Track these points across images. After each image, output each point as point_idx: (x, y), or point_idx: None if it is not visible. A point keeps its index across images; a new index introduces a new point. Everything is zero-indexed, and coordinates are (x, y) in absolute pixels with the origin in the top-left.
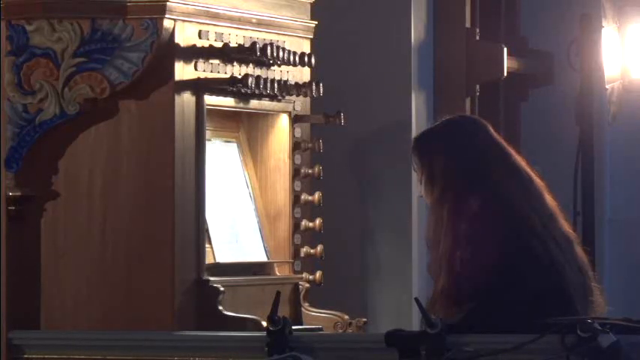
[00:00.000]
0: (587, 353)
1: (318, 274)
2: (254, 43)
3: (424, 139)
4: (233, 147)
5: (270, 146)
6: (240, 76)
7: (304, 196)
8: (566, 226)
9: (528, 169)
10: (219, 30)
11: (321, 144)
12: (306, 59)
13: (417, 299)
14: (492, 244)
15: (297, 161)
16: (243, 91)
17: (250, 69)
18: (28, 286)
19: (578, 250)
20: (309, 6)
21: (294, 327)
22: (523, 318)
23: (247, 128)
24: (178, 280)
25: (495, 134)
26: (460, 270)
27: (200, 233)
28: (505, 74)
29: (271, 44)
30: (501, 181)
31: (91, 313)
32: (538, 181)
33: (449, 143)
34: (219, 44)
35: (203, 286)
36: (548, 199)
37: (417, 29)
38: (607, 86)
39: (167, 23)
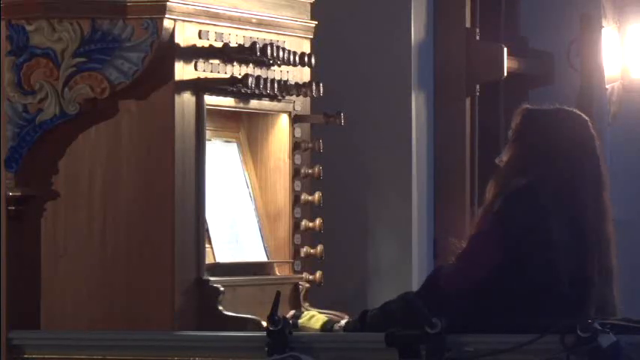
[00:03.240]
0: (587, 353)
1: (318, 274)
2: (254, 43)
3: (534, 114)
4: (233, 147)
5: (270, 146)
6: (240, 76)
7: (304, 196)
8: (611, 260)
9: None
10: (219, 30)
11: (321, 144)
12: (306, 59)
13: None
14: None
15: (297, 161)
16: (243, 91)
17: (250, 69)
18: (28, 286)
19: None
20: (309, 6)
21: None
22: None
23: (247, 128)
24: (178, 280)
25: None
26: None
27: (200, 233)
28: (505, 74)
29: (271, 44)
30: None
31: (91, 313)
32: (603, 209)
33: (546, 133)
34: (219, 44)
35: (203, 286)
36: (607, 227)
37: (417, 29)
38: (607, 86)
39: (167, 23)
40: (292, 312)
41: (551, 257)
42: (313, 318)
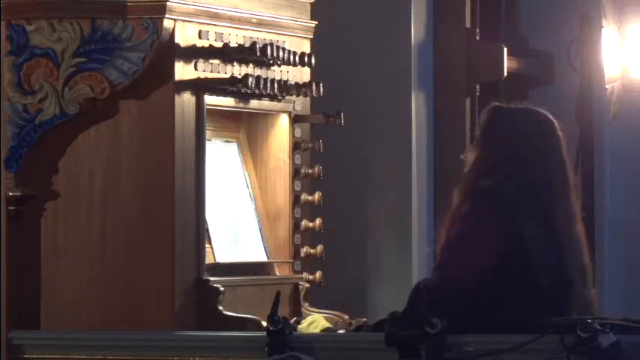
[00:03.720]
0: (587, 353)
1: (318, 274)
2: (254, 43)
3: (503, 113)
4: (233, 147)
5: (270, 146)
6: (240, 76)
7: (304, 196)
8: (585, 261)
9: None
10: (219, 30)
11: (321, 144)
12: (306, 59)
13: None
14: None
15: (297, 161)
16: (243, 91)
17: (250, 69)
18: (28, 286)
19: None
20: (309, 6)
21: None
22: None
23: (247, 128)
24: (178, 280)
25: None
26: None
27: (200, 233)
28: (505, 74)
29: (271, 44)
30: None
31: (91, 313)
32: (572, 210)
33: (513, 133)
34: (219, 44)
35: (203, 286)
36: (577, 229)
37: (417, 29)
38: (607, 86)
39: (167, 23)
40: (294, 319)
41: (526, 256)
42: (312, 325)
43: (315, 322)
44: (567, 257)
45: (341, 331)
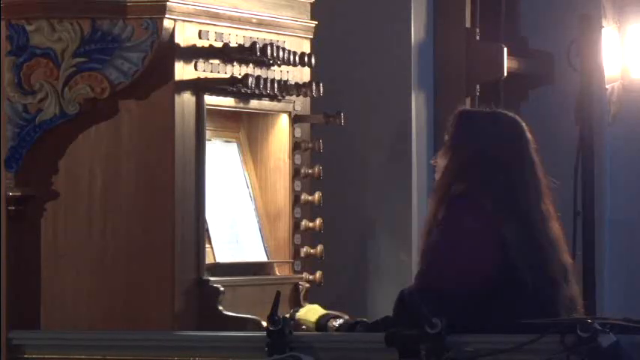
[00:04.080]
0: (587, 353)
1: (318, 274)
2: (254, 43)
3: (472, 118)
4: (233, 147)
5: (270, 146)
6: (240, 76)
7: (304, 196)
8: (565, 259)
9: (544, 192)
10: (219, 30)
11: (321, 144)
12: (306, 59)
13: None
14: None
15: (297, 161)
16: (243, 91)
17: (250, 69)
18: (28, 286)
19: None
20: (309, 6)
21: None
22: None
23: (247, 128)
24: (178, 280)
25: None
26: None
27: (200, 233)
28: (505, 74)
29: (271, 44)
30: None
31: (91, 313)
32: (546, 209)
33: (484, 137)
34: (219, 44)
35: (203, 286)
36: (554, 228)
37: (417, 29)
38: (607, 86)
39: (167, 23)
40: (292, 310)
41: (508, 255)
42: (310, 311)
43: (312, 309)
44: (548, 257)
45: (340, 321)
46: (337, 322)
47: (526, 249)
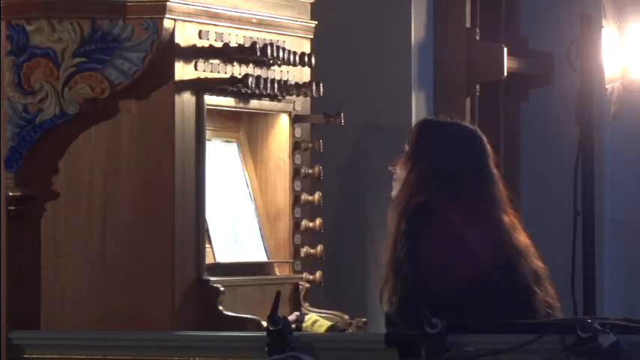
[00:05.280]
0: (587, 353)
1: (318, 274)
2: (254, 43)
3: (433, 128)
4: (233, 147)
5: (270, 146)
6: (240, 76)
7: (304, 196)
8: (536, 265)
9: (504, 203)
10: (219, 30)
11: (321, 144)
12: (306, 59)
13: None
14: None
15: (297, 161)
16: (243, 91)
17: (250, 69)
18: (28, 286)
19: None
20: (309, 6)
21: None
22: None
23: (247, 128)
24: (178, 280)
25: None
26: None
27: (200, 233)
28: (505, 74)
29: (271, 44)
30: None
31: (91, 313)
32: (510, 222)
33: (446, 148)
34: (219, 44)
35: (203, 286)
36: (520, 238)
37: (417, 29)
38: (607, 86)
39: (167, 23)
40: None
41: (475, 257)
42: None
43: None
44: (516, 264)
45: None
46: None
47: (493, 253)
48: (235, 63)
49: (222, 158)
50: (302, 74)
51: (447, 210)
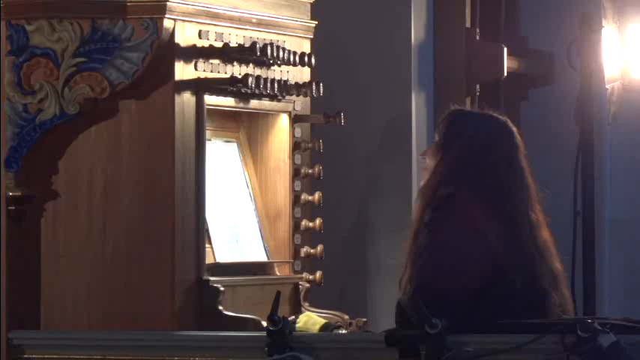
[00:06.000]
0: (587, 353)
1: (318, 274)
2: (254, 43)
3: (463, 118)
4: (233, 147)
5: (270, 146)
6: (240, 76)
7: (304, 196)
8: (555, 267)
9: (532, 196)
10: (219, 30)
11: (321, 144)
12: (306, 59)
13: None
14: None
15: (297, 161)
16: (243, 91)
17: (250, 69)
18: (28, 286)
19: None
20: (309, 6)
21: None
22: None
23: (247, 128)
24: (178, 280)
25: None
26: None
27: (200, 233)
28: (505, 74)
29: (271, 44)
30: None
31: (91, 313)
32: (535, 218)
33: (476, 139)
34: (219, 44)
35: (203, 286)
36: (543, 236)
37: (417, 29)
38: (607, 86)
39: (167, 23)
40: (291, 318)
41: (495, 257)
42: (310, 321)
43: (311, 318)
44: (535, 265)
45: (344, 332)
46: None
47: (513, 252)
48: (235, 63)
49: (222, 158)
50: (302, 74)
51: (472, 204)
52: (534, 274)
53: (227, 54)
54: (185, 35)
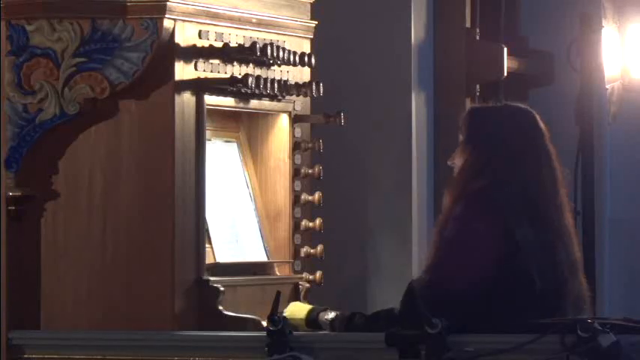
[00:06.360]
0: (587, 353)
1: (318, 274)
2: (254, 43)
3: (484, 114)
4: (233, 147)
5: (270, 146)
6: (240, 76)
7: (304, 196)
8: (576, 255)
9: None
10: (219, 30)
11: (321, 144)
12: (306, 59)
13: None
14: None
15: (297, 161)
16: (243, 91)
17: (250, 69)
18: (28, 286)
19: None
20: (309, 6)
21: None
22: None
23: (247, 128)
24: (178, 280)
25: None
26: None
27: (200, 233)
28: (505, 74)
29: (271, 44)
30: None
31: (91, 313)
32: (561, 202)
33: (498, 129)
34: (219, 44)
35: (203, 286)
36: (567, 220)
37: (417, 29)
38: (607, 86)
39: (167, 23)
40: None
41: (519, 257)
42: (296, 308)
43: (297, 306)
44: (558, 255)
45: (331, 315)
46: (329, 316)
47: (537, 249)
48: (235, 63)
49: (222, 158)
50: (302, 74)
51: (501, 200)
52: (555, 265)
53: (227, 54)
54: (185, 35)
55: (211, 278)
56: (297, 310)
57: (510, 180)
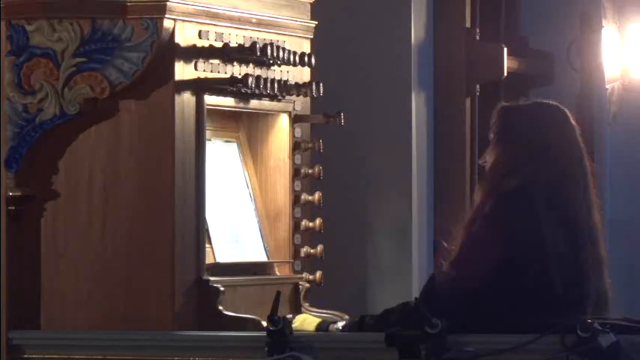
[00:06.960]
0: (587, 353)
1: (318, 274)
2: (254, 43)
3: (514, 112)
4: (233, 147)
5: (270, 146)
6: (240, 76)
7: (304, 196)
8: (602, 252)
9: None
10: (219, 30)
11: (321, 144)
12: (306, 59)
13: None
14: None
15: (297, 161)
16: (243, 91)
17: (250, 69)
18: (28, 286)
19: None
20: (309, 6)
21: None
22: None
23: (247, 128)
24: (178, 280)
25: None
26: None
27: (200, 233)
28: (505, 74)
29: (271, 44)
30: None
31: (91, 313)
32: (592, 199)
33: (529, 126)
34: (219, 44)
35: (203, 286)
36: (596, 218)
37: (417, 29)
38: (607, 86)
39: (167, 23)
40: (289, 316)
41: (544, 258)
42: (306, 321)
43: (307, 318)
44: (584, 252)
45: (340, 323)
46: (339, 325)
47: (563, 249)
48: (235, 63)
49: (222, 158)
50: (302, 74)
51: (533, 200)
52: (581, 265)
53: (227, 54)
54: (185, 35)
55: (211, 278)
56: (306, 323)
57: (541, 179)
